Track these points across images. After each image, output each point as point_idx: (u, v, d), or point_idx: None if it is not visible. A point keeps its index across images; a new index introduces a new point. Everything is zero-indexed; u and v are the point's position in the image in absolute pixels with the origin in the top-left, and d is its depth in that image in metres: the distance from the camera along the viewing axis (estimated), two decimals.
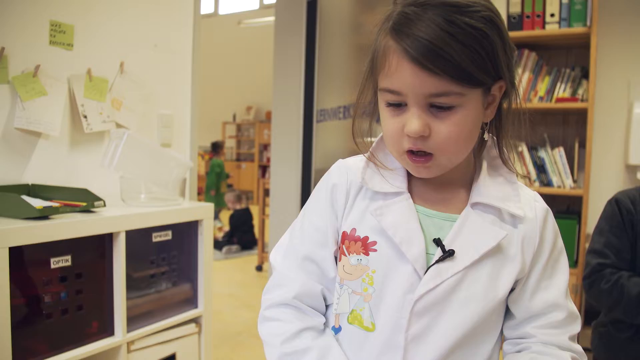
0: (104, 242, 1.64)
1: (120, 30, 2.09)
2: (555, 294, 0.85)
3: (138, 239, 1.73)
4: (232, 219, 6.44)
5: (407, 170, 0.86)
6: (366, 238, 0.84)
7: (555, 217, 0.90)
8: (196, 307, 1.96)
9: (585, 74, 2.86)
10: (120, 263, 1.65)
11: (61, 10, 1.87)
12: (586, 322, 2.76)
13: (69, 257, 1.53)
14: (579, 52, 3.01)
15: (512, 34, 2.89)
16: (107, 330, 1.65)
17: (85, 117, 1.93)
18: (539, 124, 3.15)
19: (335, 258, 0.90)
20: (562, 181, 2.88)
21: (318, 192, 0.93)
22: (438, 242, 0.81)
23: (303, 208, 0.97)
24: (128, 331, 1.68)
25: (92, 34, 1.97)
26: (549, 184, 2.93)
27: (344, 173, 0.90)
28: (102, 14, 2.01)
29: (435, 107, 0.74)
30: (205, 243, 1.96)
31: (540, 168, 2.95)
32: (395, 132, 0.78)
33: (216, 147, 8.04)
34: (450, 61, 0.70)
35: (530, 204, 0.86)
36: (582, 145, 2.85)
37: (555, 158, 2.90)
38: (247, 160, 11.58)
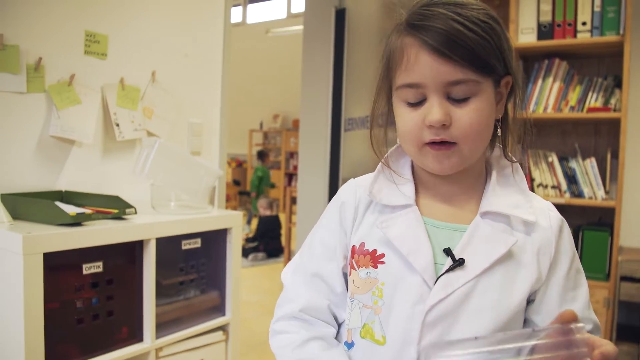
0: (134, 249, 1.66)
1: (152, 40, 2.12)
2: (582, 305, 0.84)
3: (168, 246, 1.75)
4: (260, 224, 6.51)
5: (415, 184, 0.88)
6: (375, 251, 0.84)
7: (586, 229, 0.89)
8: (224, 314, 1.97)
9: (618, 83, 2.80)
10: (150, 270, 1.66)
11: (96, 21, 1.91)
12: (619, 337, 2.71)
13: (100, 264, 1.56)
14: (612, 60, 2.96)
15: (543, 43, 2.86)
16: (136, 336, 1.67)
17: (117, 125, 1.97)
18: (570, 134, 3.10)
19: (346, 275, 0.91)
20: (594, 192, 2.83)
21: (328, 210, 0.95)
22: (448, 251, 0.81)
23: (314, 227, 0.98)
24: (157, 337, 1.70)
25: (125, 43, 2.01)
26: (580, 195, 2.87)
27: (352, 191, 0.92)
28: (135, 24, 2.05)
29: (453, 99, 0.77)
30: (234, 251, 1.97)
31: (571, 179, 2.90)
32: (415, 126, 0.79)
33: (261, 155, 8.62)
34: (467, 48, 0.74)
35: (544, 213, 0.85)
36: (615, 155, 2.79)
37: (587, 169, 2.85)
38: (273, 168, 11.62)
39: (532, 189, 2.92)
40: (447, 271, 0.79)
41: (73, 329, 1.51)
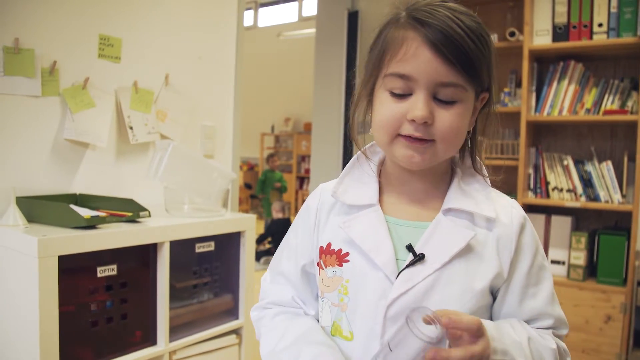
0: (148, 252, 1.66)
1: (166, 43, 2.12)
2: (543, 301, 0.86)
3: (181, 249, 1.75)
4: (272, 226, 6.55)
5: (380, 184, 0.91)
6: (340, 250, 0.87)
7: (603, 233, 0.88)
8: (237, 318, 1.97)
9: (635, 86, 2.77)
10: (164, 273, 1.66)
11: (110, 24, 1.92)
12: (636, 344, 2.67)
13: (114, 267, 1.55)
14: (628, 62, 2.92)
15: (558, 45, 2.83)
16: (150, 339, 1.67)
17: (131, 128, 1.97)
18: (585, 137, 3.07)
19: (309, 274, 0.95)
20: (610, 196, 2.79)
21: (297, 214, 1.00)
22: (409, 247, 0.83)
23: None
24: (170, 341, 1.70)
25: (138, 47, 2.01)
26: (595, 198, 2.84)
27: (317, 195, 0.97)
28: (149, 27, 2.05)
29: (438, 100, 0.79)
30: (247, 254, 1.96)
31: (587, 182, 2.86)
32: (395, 116, 0.80)
33: (267, 158, 8.91)
34: (465, 54, 0.76)
35: (506, 210, 0.87)
36: (632, 158, 2.75)
37: (603, 172, 2.82)
38: (285, 171, 11.61)
39: (547, 193, 2.91)
40: (407, 266, 0.81)
41: (87, 332, 1.51)
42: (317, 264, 0.91)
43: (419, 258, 0.81)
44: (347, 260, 0.86)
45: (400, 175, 0.89)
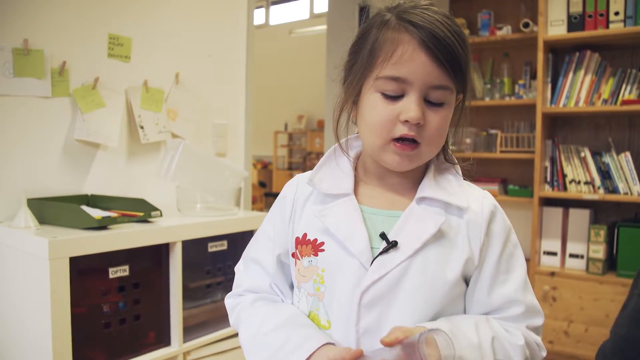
0: (160, 252, 1.64)
1: (176, 42, 2.11)
2: (513, 288, 0.86)
3: (194, 249, 1.73)
4: None
5: (357, 174, 0.93)
6: (315, 240, 0.88)
7: (622, 225, 0.85)
8: None
9: None
10: (177, 273, 1.65)
11: (119, 24, 1.91)
12: None
13: (126, 267, 1.54)
14: None
15: (573, 35, 2.78)
16: (163, 340, 1.66)
17: (142, 127, 1.96)
18: (603, 128, 3.01)
19: (284, 263, 0.96)
20: (629, 188, 2.73)
21: (274, 204, 1.01)
22: (383, 235, 0.84)
23: None
24: (184, 341, 1.69)
25: (148, 46, 2.00)
26: (614, 190, 2.78)
27: (294, 185, 0.98)
28: (158, 26, 2.04)
29: (429, 102, 0.82)
30: None
31: (605, 174, 2.81)
32: (388, 119, 0.82)
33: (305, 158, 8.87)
34: (455, 59, 0.80)
35: (477, 200, 0.88)
36: None
37: (622, 163, 2.76)
38: (298, 169, 11.60)
39: (564, 186, 2.86)
40: (381, 253, 0.83)
41: (100, 333, 1.50)
42: (293, 255, 0.92)
43: (391, 245, 0.82)
44: (323, 250, 0.87)
45: (376, 170, 0.91)
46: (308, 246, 0.89)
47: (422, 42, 0.78)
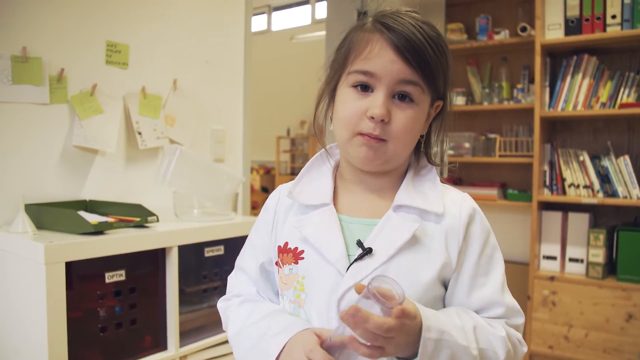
0: (157, 256, 1.65)
1: (173, 48, 2.13)
2: (492, 290, 0.88)
3: (191, 253, 1.74)
4: None
5: (336, 184, 0.95)
6: (296, 248, 0.91)
7: (621, 229, 0.85)
8: None
9: None
10: (173, 278, 1.66)
11: (117, 31, 1.92)
12: None
13: (123, 272, 1.55)
14: None
15: (571, 38, 2.79)
16: (160, 344, 1.67)
17: (139, 133, 1.97)
18: (601, 132, 3.01)
19: (268, 271, 0.99)
20: (629, 191, 2.73)
21: (259, 214, 1.04)
22: (359, 243, 0.86)
23: None
24: (181, 346, 1.69)
25: (146, 52, 2.02)
26: (613, 194, 2.78)
27: (275, 196, 1.02)
28: (155, 33, 2.06)
29: (398, 98, 0.85)
30: None
31: (604, 178, 2.81)
32: (356, 114, 0.85)
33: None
34: (422, 57, 0.83)
35: (456, 203, 0.90)
36: None
37: (621, 167, 2.76)
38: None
39: (563, 190, 2.86)
40: (356, 260, 0.84)
41: (96, 338, 1.51)
42: (276, 263, 0.95)
43: (366, 252, 0.84)
44: (302, 258, 0.89)
45: (354, 175, 0.94)
46: (289, 254, 0.92)
47: (390, 40, 0.82)
